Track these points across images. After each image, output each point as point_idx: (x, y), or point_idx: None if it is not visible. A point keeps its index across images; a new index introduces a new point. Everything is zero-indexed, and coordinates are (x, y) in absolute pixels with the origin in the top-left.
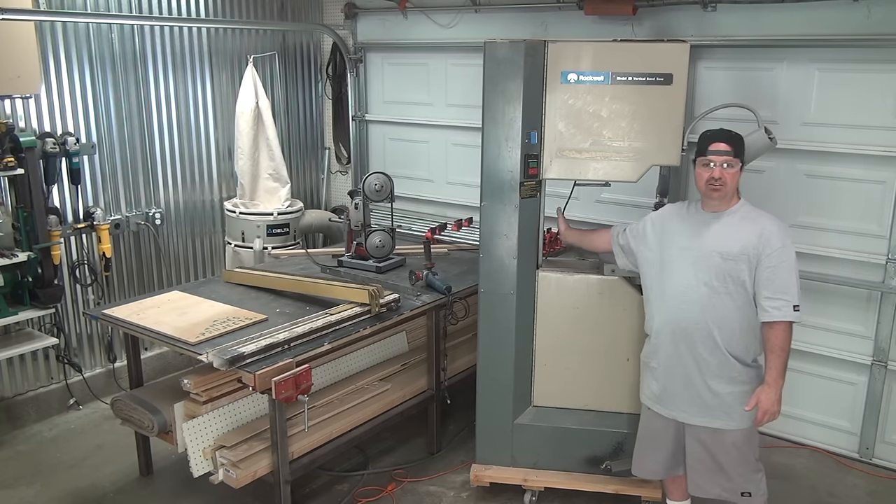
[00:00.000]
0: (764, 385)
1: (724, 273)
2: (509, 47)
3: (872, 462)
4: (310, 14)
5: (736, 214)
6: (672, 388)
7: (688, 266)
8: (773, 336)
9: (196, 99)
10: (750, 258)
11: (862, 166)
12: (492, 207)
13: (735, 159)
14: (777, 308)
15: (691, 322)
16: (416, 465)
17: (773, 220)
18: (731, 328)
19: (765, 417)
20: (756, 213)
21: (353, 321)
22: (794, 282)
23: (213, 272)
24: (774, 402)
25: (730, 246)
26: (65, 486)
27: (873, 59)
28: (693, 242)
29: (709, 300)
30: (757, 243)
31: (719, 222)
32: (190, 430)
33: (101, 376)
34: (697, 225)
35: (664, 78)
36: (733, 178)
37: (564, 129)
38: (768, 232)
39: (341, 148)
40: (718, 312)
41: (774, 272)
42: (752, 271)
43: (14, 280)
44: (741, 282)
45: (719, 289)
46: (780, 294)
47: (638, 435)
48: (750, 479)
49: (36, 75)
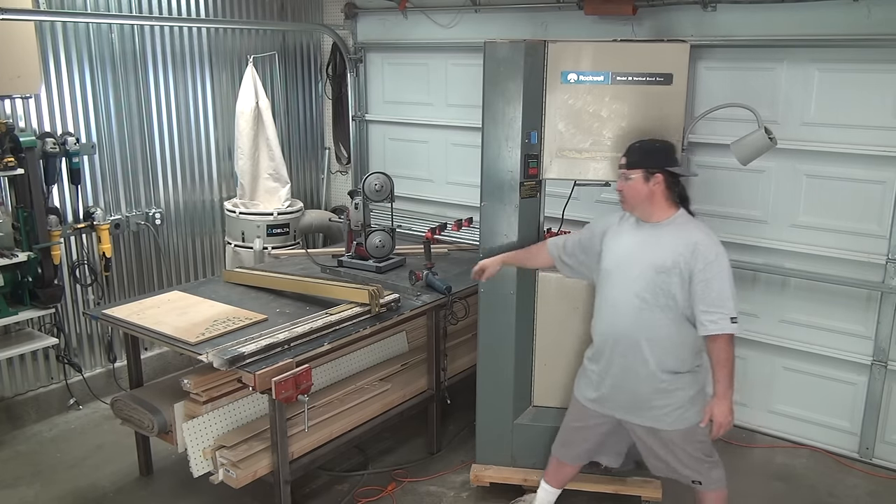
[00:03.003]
0: (714, 398)
1: (655, 286)
2: (509, 47)
3: (872, 462)
4: (310, 14)
5: (670, 226)
6: (608, 392)
7: (622, 277)
8: (714, 349)
9: (196, 99)
10: (682, 272)
11: (862, 166)
12: (492, 207)
13: (631, 171)
14: (713, 322)
15: (623, 332)
16: (416, 465)
17: (704, 231)
18: (662, 341)
19: (720, 430)
20: (690, 225)
21: (353, 321)
22: (728, 293)
23: (213, 272)
24: (727, 414)
25: (663, 259)
26: (65, 486)
27: (873, 59)
28: (629, 254)
29: (640, 312)
30: (689, 257)
31: (653, 234)
32: (190, 430)
33: (101, 376)
34: (634, 236)
35: (664, 78)
36: (631, 189)
37: (564, 129)
38: (702, 245)
39: (341, 148)
40: (649, 325)
41: (708, 285)
42: (685, 284)
43: (14, 280)
44: (672, 295)
45: (651, 302)
46: (715, 307)
47: (564, 420)
48: (697, 471)
49: (36, 75)
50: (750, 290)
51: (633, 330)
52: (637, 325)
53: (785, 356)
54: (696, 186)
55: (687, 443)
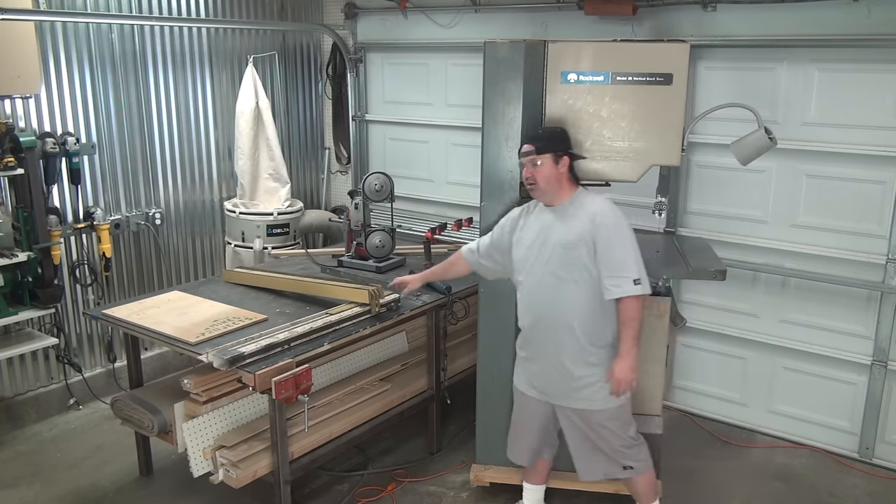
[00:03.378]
0: (617, 356)
1: (567, 262)
2: (509, 47)
3: (872, 462)
4: (310, 14)
5: (571, 205)
6: (540, 374)
7: (537, 261)
8: (621, 310)
9: (196, 99)
10: (587, 243)
11: (862, 166)
12: (492, 207)
13: (541, 156)
14: (617, 286)
15: (546, 312)
16: (416, 465)
17: (602, 202)
18: (582, 314)
19: (620, 386)
20: (588, 200)
21: (353, 321)
22: (630, 257)
23: (213, 272)
24: (628, 371)
25: (567, 235)
26: (65, 486)
27: (873, 59)
28: (538, 238)
29: (558, 290)
30: (591, 228)
31: (557, 215)
32: (190, 430)
33: (101, 376)
34: (540, 221)
35: (664, 78)
36: (542, 174)
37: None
38: (600, 215)
39: (341, 148)
40: (569, 300)
41: (611, 252)
42: (592, 255)
43: (14, 280)
44: (584, 266)
45: (566, 277)
46: (618, 272)
47: (512, 419)
48: (627, 455)
49: (36, 75)
50: (750, 290)
51: (555, 307)
52: (557, 303)
53: (785, 356)
54: (696, 186)
55: (616, 422)
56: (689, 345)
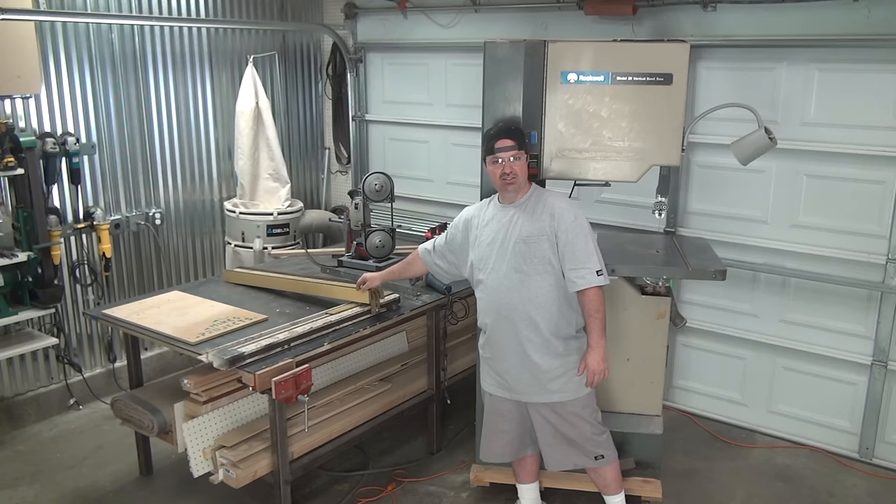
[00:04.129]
0: (588, 349)
1: (529, 256)
2: (509, 47)
3: (872, 462)
4: (310, 14)
5: (529, 200)
6: (509, 373)
7: (498, 257)
8: (585, 302)
9: (196, 99)
10: (549, 236)
11: (862, 166)
12: None
13: (520, 151)
14: (581, 277)
15: (511, 308)
16: (416, 465)
17: (560, 198)
18: (547, 307)
19: (594, 377)
20: (546, 195)
21: (353, 321)
22: (591, 249)
23: (213, 272)
24: (599, 362)
25: (528, 230)
26: (65, 486)
27: (873, 59)
28: (499, 235)
29: (522, 284)
30: (551, 222)
31: (517, 211)
32: (190, 430)
33: (101, 376)
34: (499, 218)
35: (664, 78)
36: (522, 168)
37: (564, 129)
38: (559, 210)
39: (341, 148)
40: (533, 294)
41: (572, 245)
42: (554, 248)
43: (14, 280)
44: (547, 260)
45: (529, 271)
46: (580, 264)
47: (483, 421)
48: (598, 443)
49: (36, 75)
50: (750, 290)
51: (519, 302)
52: (521, 297)
53: (785, 356)
54: (696, 186)
55: (587, 410)
56: (689, 345)
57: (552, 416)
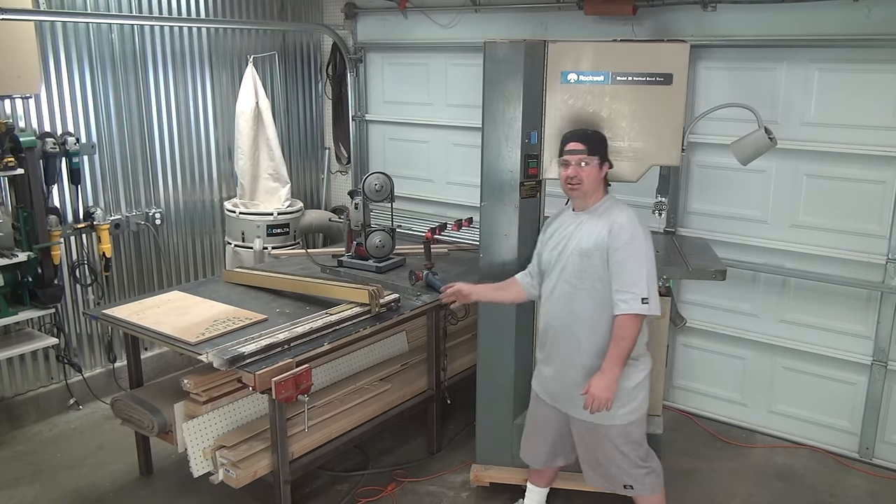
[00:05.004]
0: (598, 371)
1: (581, 270)
2: (509, 47)
3: (872, 462)
4: (310, 14)
5: (596, 211)
6: (553, 380)
7: (556, 266)
8: (617, 325)
9: (196, 99)
10: (602, 253)
11: (862, 166)
12: (492, 207)
13: (591, 157)
14: (624, 301)
15: (559, 320)
16: (416, 465)
17: (625, 214)
18: (591, 325)
19: (593, 403)
20: (613, 208)
21: (353, 321)
22: (642, 275)
23: (213, 272)
24: (603, 389)
25: (584, 243)
26: (65, 486)
27: (873, 59)
28: (561, 242)
29: (569, 298)
30: (607, 237)
31: (581, 220)
32: (190, 430)
33: (101, 376)
34: (566, 225)
35: (664, 78)
36: (590, 175)
37: (564, 129)
38: (618, 226)
39: (341, 148)
40: (578, 310)
41: (622, 266)
42: (606, 265)
43: (14, 280)
44: (598, 277)
45: (579, 286)
46: (627, 287)
47: (525, 419)
48: (630, 474)
49: (36, 75)
50: (750, 290)
51: (566, 316)
52: (569, 311)
53: (785, 356)
54: (696, 186)
55: (622, 441)
56: (689, 345)
57: (586, 433)
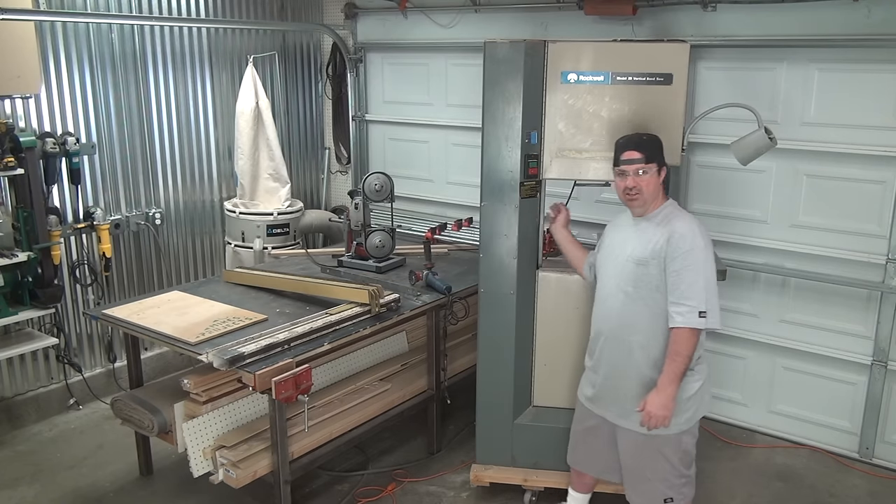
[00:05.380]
0: (654, 389)
1: (636, 278)
2: (509, 47)
3: (872, 462)
4: (310, 14)
5: (655, 218)
6: (601, 389)
7: (610, 271)
8: (673, 339)
9: (196, 99)
10: (660, 263)
11: (862, 166)
12: (492, 207)
13: (648, 165)
14: (680, 314)
15: (611, 328)
16: (416, 465)
17: (686, 222)
18: (646, 336)
19: (650, 421)
20: (674, 215)
21: (353, 321)
22: (700, 287)
23: (213, 272)
24: (660, 407)
25: (642, 251)
26: (65, 486)
27: (873, 59)
28: (617, 248)
29: (623, 307)
30: (665, 246)
31: (639, 227)
32: (190, 430)
33: (101, 376)
34: (624, 231)
35: (664, 78)
36: (649, 183)
37: (564, 129)
38: (677, 235)
39: (341, 148)
40: (632, 320)
41: (679, 276)
42: (663, 275)
43: (14, 280)
44: (654, 287)
45: (634, 295)
46: (683, 299)
47: (572, 427)
48: (673, 485)
49: (36, 75)
50: (750, 290)
51: (619, 324)
52: (622, 319)
53: (785, 356)
54: (696, 186)
55: (673, 451)
56: None
57: (636, 445)
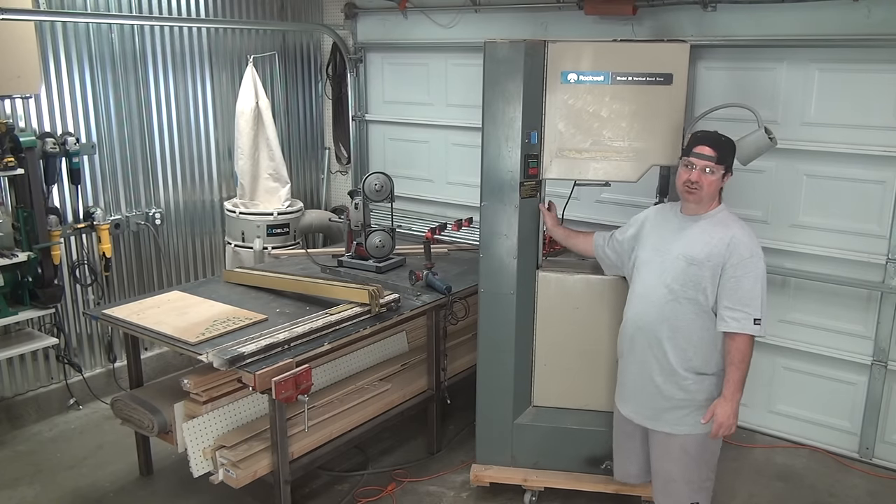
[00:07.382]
0: (720, 398)
1: (686, 277)
2: (509, 47)
3: (872, 462)
4: (310, 14)
5: (711, 220)
6: (630, 386)
7: (654, 266)
8: (732, 348)
9: (196, 99)
10: (715, 266)
11: (862, 166)
12: (492, 207)
13: (718, 166)
14: (735, 319)
15: (647, 323)
16: (416, 465)
17: (745, 229)
18: (684, 336)
19: (720, 430)
20: (730, 220)
21: (353, 321)
22: (757, 294)
23: (213, 272)
24: (730, 416)
25: (697, 251)
26: (65, 486)
27: (873, 59)
28: (664, 244)
29: (666, 303)
30: (724, 251)
31: (693, 226)
32: (190, 430)
33: (101, 376)
34: (673, 227)
35: (664, 78)
36: (711, 184)
37: (564, 129)
38: (737, 241)
39: (341, 148)
40: (672, 318)
41: (738, 282)
42: (716, 279)
43: (14, 280)
44: (702, 288)
45: (679, 293)
46: (740, 305)
47: (613, 434)
48: (699, 489)
49: (36, 75)
50: None
51: (657, 320)
52: (661, 316)
53: (785, 356)
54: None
55: (701, 452)
56: None
57: (664, 446)
